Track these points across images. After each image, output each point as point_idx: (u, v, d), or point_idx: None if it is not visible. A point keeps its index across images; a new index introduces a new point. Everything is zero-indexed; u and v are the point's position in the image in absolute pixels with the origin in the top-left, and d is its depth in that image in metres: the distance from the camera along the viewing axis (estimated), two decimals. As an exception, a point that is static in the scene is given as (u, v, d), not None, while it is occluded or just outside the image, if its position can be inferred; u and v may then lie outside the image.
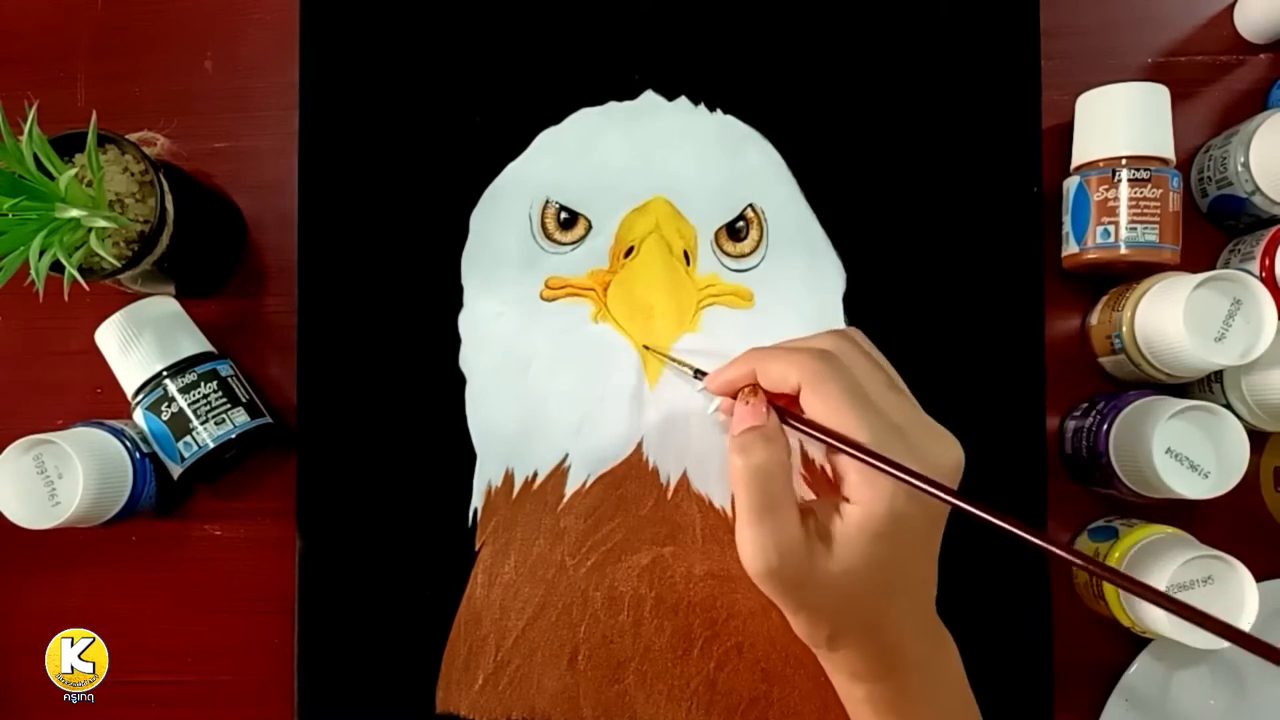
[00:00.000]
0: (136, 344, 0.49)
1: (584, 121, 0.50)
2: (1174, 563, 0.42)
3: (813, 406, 0.38)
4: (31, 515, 0.46)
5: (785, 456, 0.38)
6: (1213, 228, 0.50)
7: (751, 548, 0.37)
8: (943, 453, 0.38)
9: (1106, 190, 0.47)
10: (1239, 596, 0.43)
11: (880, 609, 0.38)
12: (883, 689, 0.40)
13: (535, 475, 0.49)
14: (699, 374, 0.46)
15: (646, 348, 0.49)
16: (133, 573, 0.53)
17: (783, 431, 0.39)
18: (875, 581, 0.37)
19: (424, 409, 0.49)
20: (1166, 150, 0.47)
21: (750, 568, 0.37)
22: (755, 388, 0.41)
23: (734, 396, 0.42)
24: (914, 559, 0.39)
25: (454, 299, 0.50)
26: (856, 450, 0.36)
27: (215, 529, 0.53)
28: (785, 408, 0.40)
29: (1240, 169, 0.46)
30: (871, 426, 0.36)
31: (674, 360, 0.48)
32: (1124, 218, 0.46)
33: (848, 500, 0.37)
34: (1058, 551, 0.33)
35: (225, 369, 0.50)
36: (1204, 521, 0.48)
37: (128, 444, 0.48)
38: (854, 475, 0.37)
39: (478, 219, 0.50)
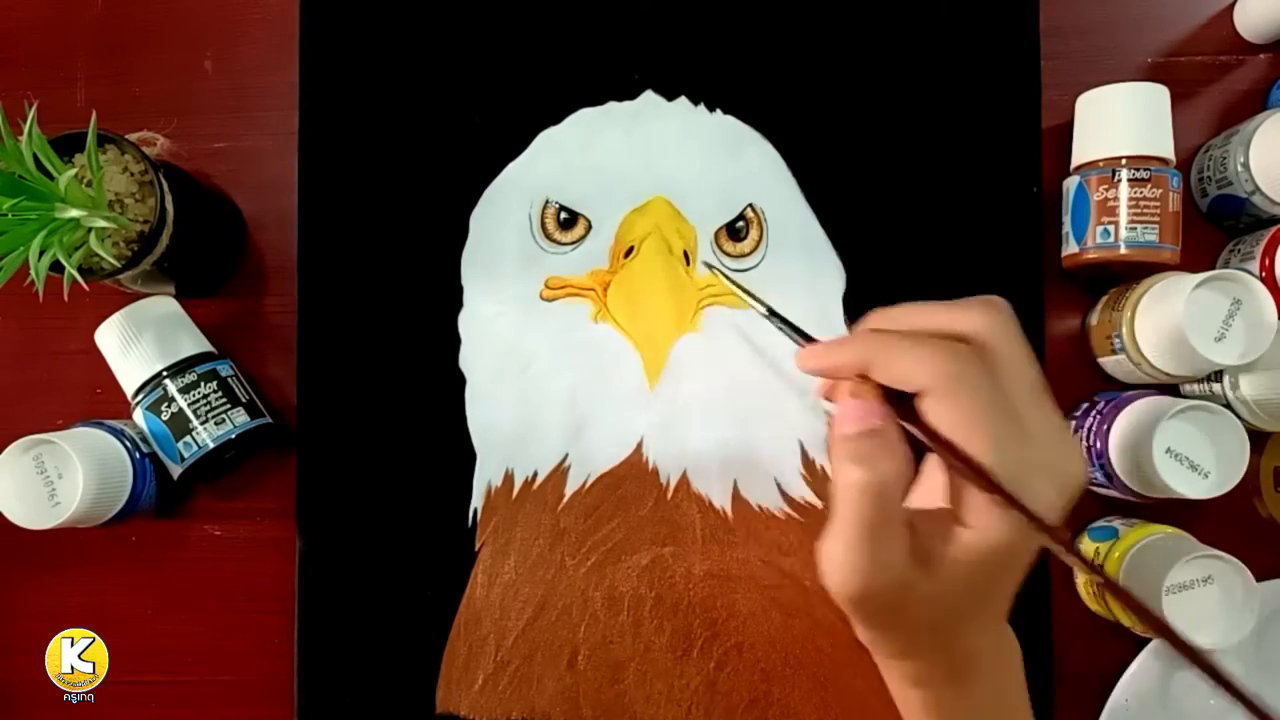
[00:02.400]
0: (136, 344, 0.49)
1: (584, 122, 0.50)
2: (1174, 562, 0.42)
3: (939, 416, 0.31)
4: (31, 515, 0.46)
5: (907, 469, 0.32)
6: (1213, 228, 0.50)
7: (847, 569, 0.32)
8: (1073, 470, 0.33)
9: (1106, 190, 0.46)
10: (1239, 596, 0.43)
11: (961, 627, 0.34)
12: (943, 694, 0.37)
13: (535, 475, 0.49)
14: (773, 314, 0.40)
15: (708, 264, 0.47)
16: (133, 573, 0.53)
17: (903, 438, 0.33)
18: (965, 604, 0.34)
19: (424, 409, 0.49)
20: (1166, 150, 0.47)
21: (840, 590, 0.32)
22: (866, 378, 0.34)
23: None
24: (1009, 582, 0.34)
25: (454, 299, 0.50)
26: (982, 478, 0.31)
27: (215, 529, 0.53)
28: (905, 407, 0.33)
29: (1240, 169, 0.46)
30: (1004, 450, 0.31)
31: (741, 290, 0.43)
32: (1124, 218, 0.46)
33: (962, 523, 0.32)
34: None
35: (225, 369, 0.50)
36: (1204, 521, 0.48)
37: (128, 444, 0.48)
38: (976, 499, 0.32)
39: (478, 219, 0.50)
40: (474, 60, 0.51)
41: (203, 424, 0.48)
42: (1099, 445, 0.46)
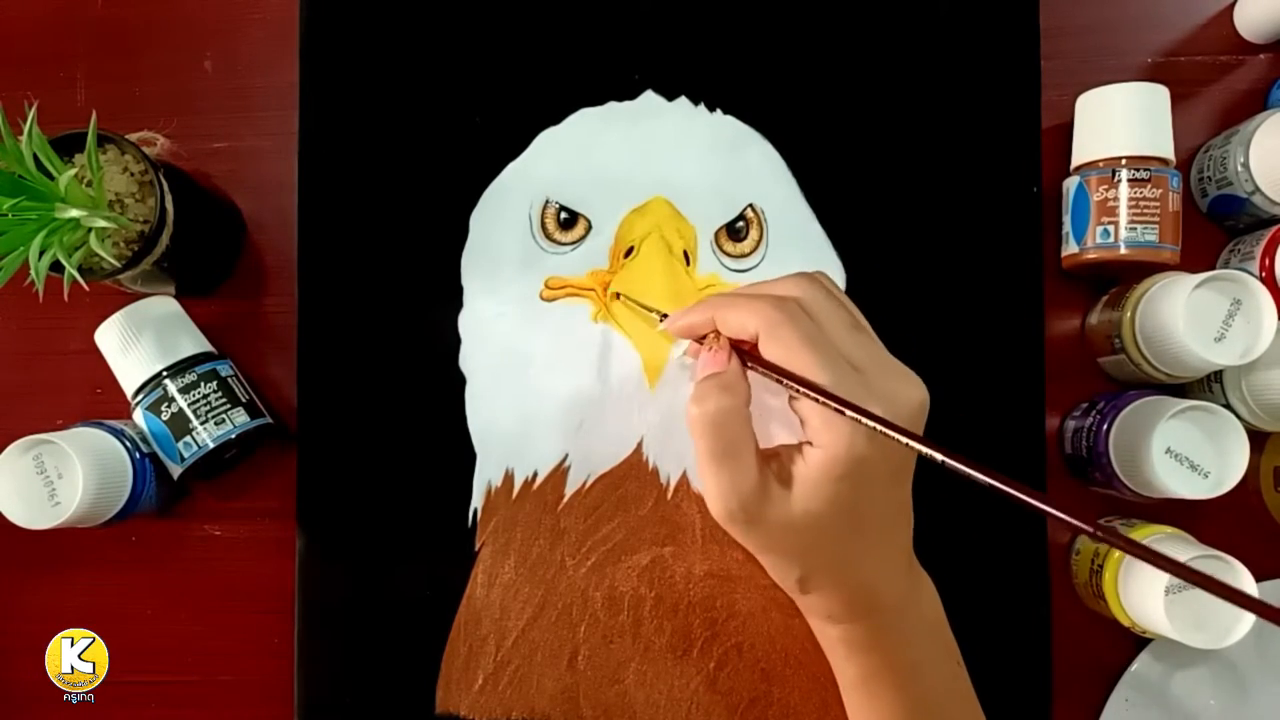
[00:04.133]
0: (136, 344, 0.49)
1: (584, 121, 0.50)
2: (1174, 563, 0.42)
3: (772, 352, 0.38)
4: (31, 515, 0.46)
5: (743, 403, 0.38)
6: (1213, 228, 0.50)
7: (712, 492, 0.38)
8: (905, 393, 0.38)
9: (1106, 190, 0.47)
10: (1239, 596, 0.43)
11: (849, 550, 0.39)
12: (857, 630, 0.41)
13: (535, 475, 0.49)
14: (663, 317, 0.45)
15: (618, 295, 0.48)
16: (133, 573, 0.53)
17: (744, 378, 0.39)
18: (840, 523, 0.38)
19: (424, 409, 0.49)
20: (1166, 150, 0.47)
21: (713, 511, 0.38)
22: (718, 333, 0.40)
23: (700, 342, 0.42)
24: (879, 500, 0.39)
25: (454, 299, 0.50)
26: (816, 393, 0.36)
27: (215, 529, 0.53)
28: (748, 352, 0.40)
29: (1240, 169, 0.46)
30: (830, 370, 0.36)
31: (640, 305, 0.47)
32: (1124, 218, 0.46)
33: (810, 444, 0.37)
34: (1031, 501, 0.33)
35: (225, 369, 0.50)
36: (1204, 521, 0.48)
37: (128, 444, 0.48)
38: (814, 419, 0.37)
39: (478, 219, 0.50)
40: (474, 60, 0.51)
41: (203, 424, 0.48)
42: (1099, 445, 0.46)
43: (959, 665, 0.42)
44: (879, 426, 0.35)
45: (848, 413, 0.35)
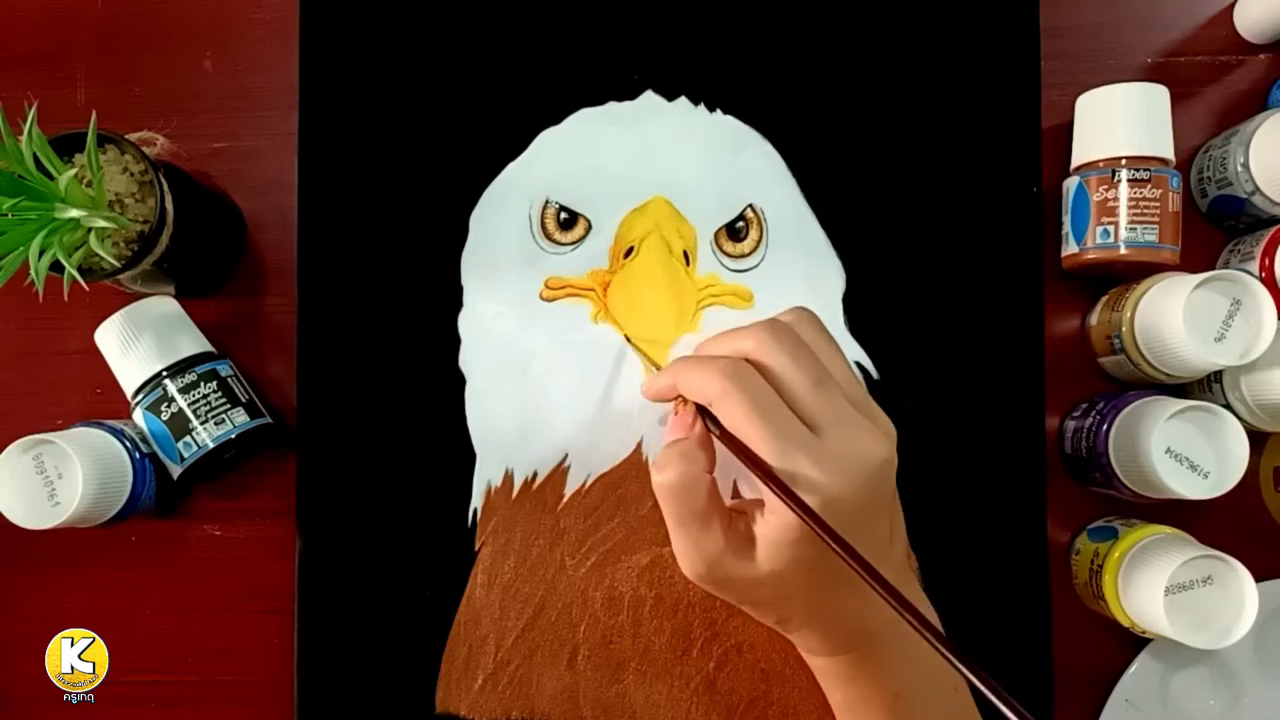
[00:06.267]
0: (136, 344, 0.49)
1: (584, 122, 0.50)
2: (1174, 563, 0.42)
3: (725, 420, 0.37)
4: (31, 515, 0.46)
5: (703, 469, 0.38)
6: (1213, 228, 0.50)
7: (681, 557, 0.38)
8: (865, 452, 0.36)
9: (1106, 190, 0.47)
10: (1239, 596, 0.43)
11: (822, 599, 0.39)
12: (839, 663, 0.41)
13: (535, 475, 0.49)
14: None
15: (628, 339, 0.48)
16: (133, 573, 0.53)
17: (707, 443, 0.39)
18: (809, 579, 0.38)
19: (424, 409, 0.49)
20: (1166, 150, 0.47)
21: (684, 571, 0.39)
22: (683, 398, 0.40)
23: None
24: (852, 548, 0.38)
25: (454, 299, 0.50)
26: (755, 468, 0.35)
27: (215, 529, 0.53)
28: (713, 416, 0.39)
29: (1240, 169, 0.46)
30: (776, 440, 0.35)
31: (648, 358, 0.48)
32: (1124, 218, 0.46)
33: (765, 506, 0.37)
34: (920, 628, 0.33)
35: (225, 369, 0.50)
36: (1204, 521, 0.48)
37: (127, 444, 0.48)
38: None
39: (477, 219, 0.50)
40: (474, 60, 0.51)
41: (203, 424, 0.48)
42: (1099, 445, 0.46)
43: (956, 691, 0.41)
44: (806, 518, 0.34)
45: (781, 496, 0.34)
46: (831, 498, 0.35)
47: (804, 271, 0.49)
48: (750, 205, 0.49)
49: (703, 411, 0.39)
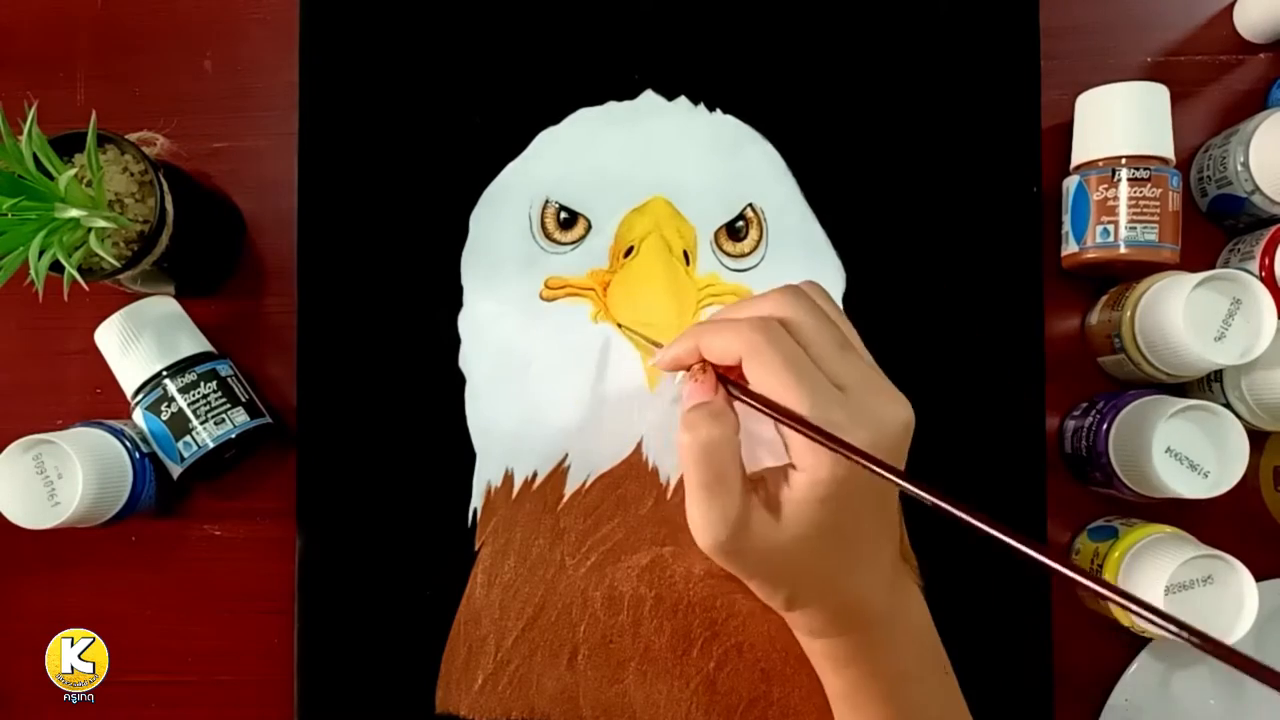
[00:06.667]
0: (136, 344, 0.49)
1: (584, 121, 0.50)
2: (1174, 562, 0.42)
3: (754, 375, 0.37)
4: (31, 515, 0.46)
5: (732, 432, 0.38)
6: (1213, 227, 0.50)
7: (700, 523, 0.37)
8: (890, 413, 0.37)
9: (1106, 190, 0.47)
10: (1239, 596, 0.43)
11: (836, 569, 0.39)
12: (840, 644, 0.41)
13: (535, 475, 0.49)
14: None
15: (620, 325, 0.48)
16: (133, 573, 0.53)
17: (731, 406, 0.39)
18: (826, 544, 0.38)
19: (424, 409, 0.49)
20: (1166, 150, 0.47)
21: (700, 542, 0.38)
22: (705, 363, 0.40)
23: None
24: (866, 518, 0.39)
25: (454, 299, 0.50)
26: (795, 421, 0.35)
27: (215, 529, 0.53)
28: (734, 380, 0.39)
29: (1240, 169, 0.46)
30: (811, 393, 0.35)
31: (644, 338, 0.47)
32: (1124, 217, 0.46)
33: (794, 467, 0.37)
34: (988, 529, 0.32)
35: (225, 369, 0.50)
36: (1204, 521, 0.48)
37: (127, 444, 0.48)
38: (797, 442, 0.37)
39: (477, 219, 0.50)
40: (474, 60, 0.51)
41: (202, 424, 0.48)
42: (1099, 445, 0.46)
43: (946, 674, 0.42)
44: (856, 458, 0.34)
45: (824, 441, 0.35)
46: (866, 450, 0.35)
47: (804, 271, 0.49)
48: (750, 205, 0.49)
49: (721, 378, 0.39)
